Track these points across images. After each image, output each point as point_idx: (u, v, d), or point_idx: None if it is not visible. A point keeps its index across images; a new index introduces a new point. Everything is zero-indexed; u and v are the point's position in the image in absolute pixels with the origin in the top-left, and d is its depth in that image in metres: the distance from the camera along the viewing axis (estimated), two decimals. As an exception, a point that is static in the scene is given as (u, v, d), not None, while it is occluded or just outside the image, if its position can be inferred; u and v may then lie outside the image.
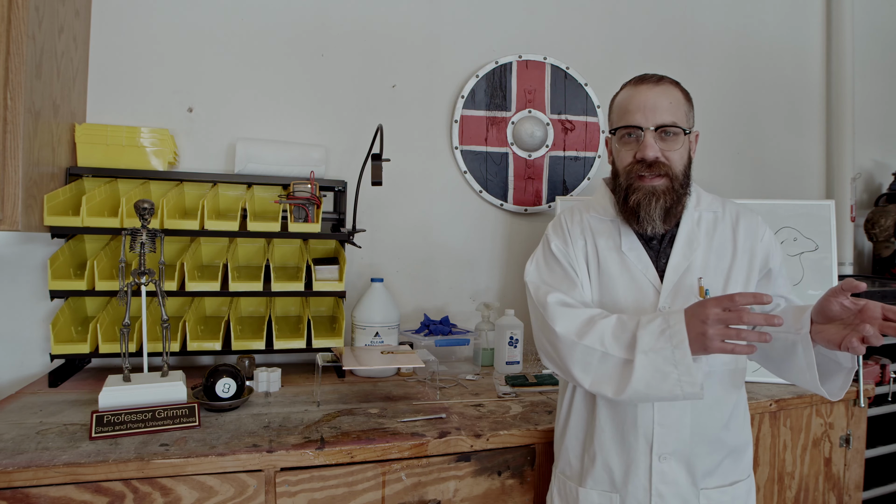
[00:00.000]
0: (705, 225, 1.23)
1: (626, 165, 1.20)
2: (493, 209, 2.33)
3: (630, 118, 1.17)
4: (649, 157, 1.15)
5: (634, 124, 1.16)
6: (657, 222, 1.17)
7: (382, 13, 2.20)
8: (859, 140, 2.82)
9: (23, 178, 1.47)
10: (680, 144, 1.17)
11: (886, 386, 2.03)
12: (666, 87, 1.18)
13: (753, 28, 2.72)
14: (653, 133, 1.15)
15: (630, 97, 1.19)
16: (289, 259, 2.05)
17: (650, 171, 1.16)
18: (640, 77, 1.21)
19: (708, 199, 1.27)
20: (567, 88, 2.36)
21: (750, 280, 1.21)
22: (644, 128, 1.15)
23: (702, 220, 1.24)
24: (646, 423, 1.16)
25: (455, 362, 2.10)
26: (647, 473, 1.16)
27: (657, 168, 1.15)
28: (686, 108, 1.20)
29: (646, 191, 1.16)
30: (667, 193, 1.16)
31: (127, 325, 1.45)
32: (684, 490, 1.16)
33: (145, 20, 1.96)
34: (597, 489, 1.21)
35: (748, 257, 1.22)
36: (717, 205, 1.26)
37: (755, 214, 1.27)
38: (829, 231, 1.84)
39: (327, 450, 1.27)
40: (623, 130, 1.19)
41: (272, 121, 2.08)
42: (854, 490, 1.86)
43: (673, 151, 1.17)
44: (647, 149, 1.15)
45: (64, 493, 1.14)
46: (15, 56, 1.44)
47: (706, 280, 1.17)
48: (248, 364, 1.76)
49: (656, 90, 1.17)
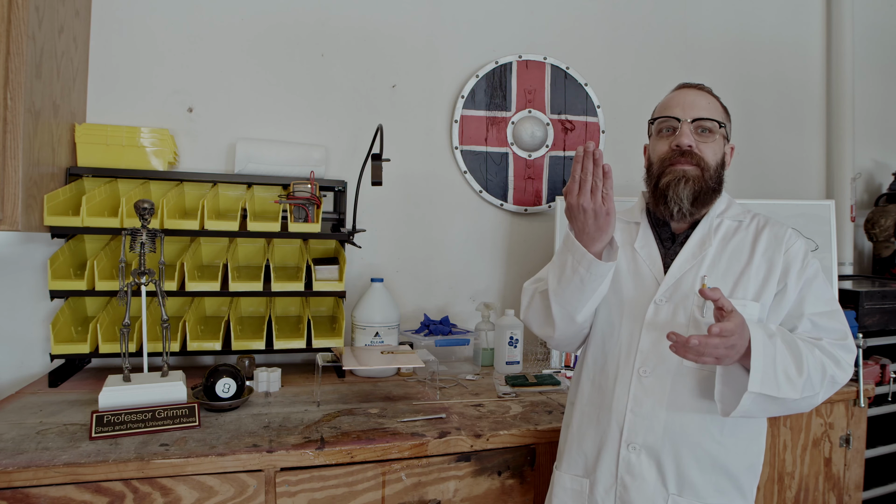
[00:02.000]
0: (724, 231, 1.23)
1: (661, 155, 1.24)
2: (493, 209, 2.33)
3: (669, 112, 1.24)
4: (684, 144, 1.20)
5: (672, 115, 1.22)
6: (684, 202, 1.19)
7: (383, 13, 2.20)
8: (859, 140, 2.82)
9: (23, 178, 1.47)
10: (714, 140, 1.22)
11: (886, 386, 2.03)
12: (705, 92, 1.26)
13: (753, 28, 2.72)
14: (689, 125, 1.20)
15: (671, 97, 1.27)
16: (289, 259, 2.05)
17: (683, 157, 1.20)
18: (681, 84, 1.29)
19: (736, 210, 1.27)
20: (567, 88, 2.36)
21: (766, 289, 1.16)
22: (681, 119, 1.21)
23: (721, 226, 1.24)
24: (619, 408, 1.17)
25: (455, 362, 2.10)
26: (614, 461, 1.16)
27: (690, 156, 1.20)
28: (723, 114, 1.26)
29: (676, 173, 1.20)
30: (697, 180, 1.19)
31: (127, 325, 1.45)
32: (650, 488, 1.13)
33: (145, 20, 1.96)
34: (570, 473, 1.24)
35: (767, 265, 1.17)
36: (744, 215, 1.26)
37: (786, 226, 1.24)
38: (829, 231, 1.84)
39: (327, 450, 1.27)
40: (661, 123, 1.24)
41: (272, 121, 2.08)
42: (854, 490, 1.86)
43: (707, 145, 1.21)
44: (683, 136, 1.20)
45: (64, 493, 1.14)
46: (15, 56, 1.44)
47: (712, 280, 1.16)
48: (248, 364, 1.76)
49: (696, 92, 1.25)
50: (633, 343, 1.17)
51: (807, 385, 1.04)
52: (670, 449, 1.12)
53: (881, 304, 2.19)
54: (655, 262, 1.22)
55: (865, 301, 2.15)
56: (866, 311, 2.16)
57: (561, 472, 1.25)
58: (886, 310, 2.21)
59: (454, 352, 2.14)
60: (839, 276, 2.06)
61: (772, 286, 1.16)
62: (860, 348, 1.85)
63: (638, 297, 1.20)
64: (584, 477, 1.21)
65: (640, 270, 1.22)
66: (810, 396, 1.07)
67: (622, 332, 1.20)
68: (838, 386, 1.11)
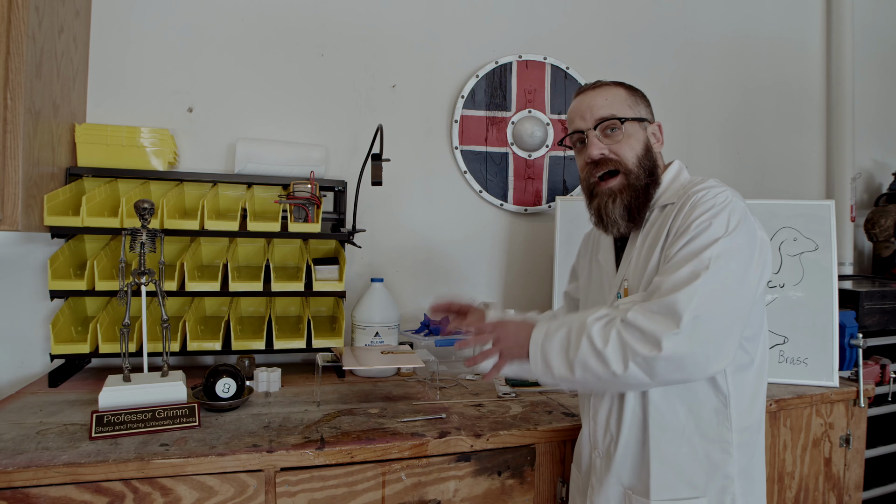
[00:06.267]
0: (653, 218, 1.16)
1: (582, 172, 1.23)
2: (493, 209, 2.33)
3: (572, 125, 1.22)
4: (594, 155, 1.17)
5: (576, 129, 1.20)
6: (620, 223, 1.16)
7: (383, 13, 2.20)
8: (859, 140, 2.82)
9: (23, 178, 1.47)
10: (623, 136, 1.16)
11: (886, 386, 2.03)
12: (602, 88, 1.20)
13: (753, 28, 2.72)
14: (594, 132, 1.17)
15: (571, 109, 1.24)
16: (289, 259, 2.05)
17: (599, 169, 1.17)
18: (579, 88, 1.25)
19: (673, 190, 1.17)
20: (567, 88, 2.36)
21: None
22: (584, 129, 1.18)
23: (652, 216, 1.17)
24: (587, 416, 1.26)
25: (455, 362, 2.10)
26: (588, 462, 1.25)
27: (605, 165, 1.16)
28: (629, 101, 1.18)
29: (604, 194, 1.17)
30: (624, 191, 1.15)
31: (127, 325, 1.45)
32: (611, 490, 1.17)
33: (145, 20, 1.96)
34: (576, 468, 1.35)
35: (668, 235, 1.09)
36: (679, 194, 1.14)
37: (709, 189, 1.08)
38: (829, 231, 1.84)
39: (327, 450, 1.27)
40: (572, 139, 1.23)
41: (272, 121, 2.08)
42: (854, 490, 1.86)
43: (618, 144, 1.16)
44: (591, 147, 1.17)
45: (64, 493, 1.14)
46: (15, 56, 1.44)
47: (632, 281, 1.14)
48: (248, 364, 1.76)
49: (591, 93, 1.19)
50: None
51: (580, 366, 1.02)
52: (616, 451, 1.17)
53: (881, 304, 2.19)
54: (610, 273, 1.25)
55: (865, 301, 2.15)
56: (866, 311, 2.16)
57: (574, 468, 1.36)
58: (886, 310, 2.21)
59: (454, 352, 2.14)
60: (839, 276, 2.06)
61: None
62: (860, 348, 1.85)
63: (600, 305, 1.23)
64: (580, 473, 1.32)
65: (602, 282, 1.28)
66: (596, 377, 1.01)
67: None
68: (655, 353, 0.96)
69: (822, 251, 1.84)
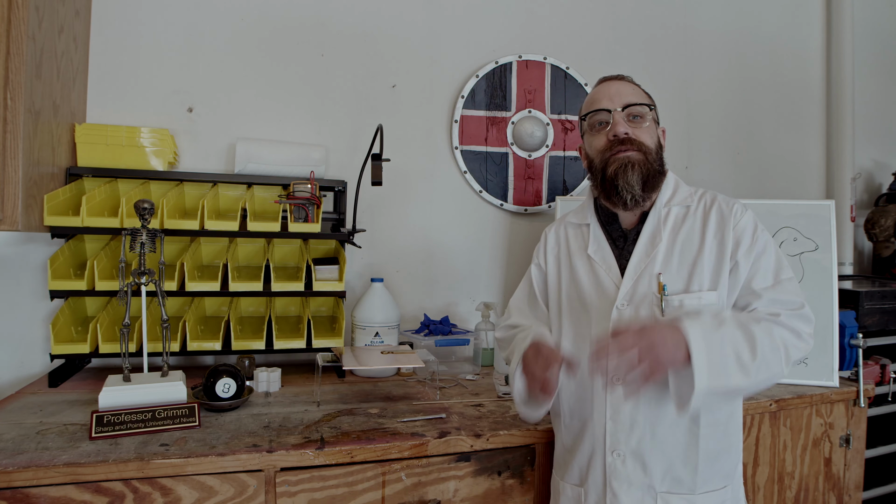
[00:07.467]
0: (673, 220, 1.22)
1: (600, 147, 1.23)
2: (493, 209, 2.33)
3: (598, 105, 1.23)
4: (621, 133, 1.19)
5: (602, 107, 1.22)
6: (636, 188, 1.18)
7: (382, 13, 2.20)
8: (859, 140, 2.82)
9: (23, 178, 1.47)
10: (648, 124, 1.22)
11: (886, 386, 2.03)
12: (628, 80, 1.27)
13: (753, 28, 2.72)
14: (621, 113, 1.20)
15: (596, 91, 1.27)
16: (289, 259, 2.05)
17: (623, 145, 1.19)
18: (602, 77, 1.30)
19: (684, 193, 1.25)
20: (567, 88, 2.36)
21: (721, 273, 1.15)
22: (612, 110, 1.20)
23: (670, 215, 1.22)
24: (599, 417, 1.19)
25: (455, 362, 2.10)
26: (602, 469, 1.19)
27: (629, 143, 1.19)
28: (649, 100, 1.26)
29: (621, 160, 1.19)
30: (643, 164, 1.19)
31: (127, 325, 1.45)
32: (639, 490, 1.16)
33: (145, 20, 1.96)
34: (569, 483, 1.27)
35: (718, 247, 1.17)
36: (691, 198, 1.23)
37: (732, 200, 1.21)
38: (829, 231, 1.84)
39: (327, 450, 1.27)
40: (593, 117, 1.24)
41: (272, 121, 2.08)
42: (854, 490, 1.86)
43: (642, 130, 1.21)
44: (618, 125, 1.20)
45: (64, 493, 1.14)
46: (15, 56, 1.44)
47: (666, 276, 1.17)
48: (248, 364, 1.77)
49: (619, 82, 1.25)
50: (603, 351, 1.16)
51: (761, 367, 1.04)
52: (652, 449, 1.15)
53: (881, 304, 2.19)
54: (612, 268, 1.23)
55: (865, 301, 2.15)
56: (866, 311, 2.16)
57: (564, 483, 1.28)
58: (886, 310, 2.21)
59: (454, 352, 2.13)
60: (839, 276, 2.06)
61: (726, 267, 1.16)
62: (860, 348, 1.85)
63: (601, 305, 1.21)
64: (580, 486, 1.24)
65: (599, 278, 1.24)
66: (768, 378, 1.06)
67: (592, 341, 1.21)
68: (801, 356, 1.13)
69: (822, 251, 1.84)
